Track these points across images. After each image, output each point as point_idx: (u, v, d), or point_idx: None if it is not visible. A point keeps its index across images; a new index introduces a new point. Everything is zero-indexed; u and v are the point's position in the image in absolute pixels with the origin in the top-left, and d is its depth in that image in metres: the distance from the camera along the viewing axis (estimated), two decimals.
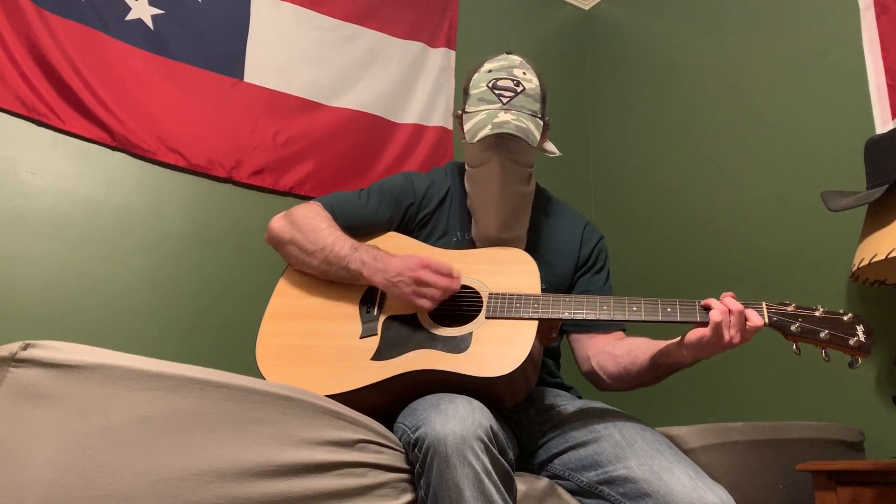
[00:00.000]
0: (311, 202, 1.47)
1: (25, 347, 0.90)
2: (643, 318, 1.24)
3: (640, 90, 2.79)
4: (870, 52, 1.99)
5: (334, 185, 2.23)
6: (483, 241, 1.45)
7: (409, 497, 1.10)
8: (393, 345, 1.28)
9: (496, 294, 1.30)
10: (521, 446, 1.37)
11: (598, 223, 1.65)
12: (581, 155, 2.91)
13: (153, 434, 0.93)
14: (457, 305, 1.32)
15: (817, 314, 1.19)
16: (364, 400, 1.22)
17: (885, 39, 1.96)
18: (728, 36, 2.46)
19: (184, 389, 0.98)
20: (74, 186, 1.94)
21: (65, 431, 0.88)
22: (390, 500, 1.08)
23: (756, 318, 1.18)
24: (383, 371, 1.24)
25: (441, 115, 2.57)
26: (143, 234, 2.01)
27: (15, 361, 0.89)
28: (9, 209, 1.84)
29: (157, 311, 1.98)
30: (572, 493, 1.25)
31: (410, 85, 2.53)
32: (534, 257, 1.38)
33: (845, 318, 1.18)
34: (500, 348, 1.22)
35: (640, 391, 1.41)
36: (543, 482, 1.25)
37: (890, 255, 1.51)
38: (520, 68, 1.43)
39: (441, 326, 1.29)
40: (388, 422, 1.20)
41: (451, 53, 2.66)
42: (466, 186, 1.49)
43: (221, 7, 2.23)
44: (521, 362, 1.19)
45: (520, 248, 1.43)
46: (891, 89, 1.92)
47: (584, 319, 1.28)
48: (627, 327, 1.46)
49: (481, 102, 1.40)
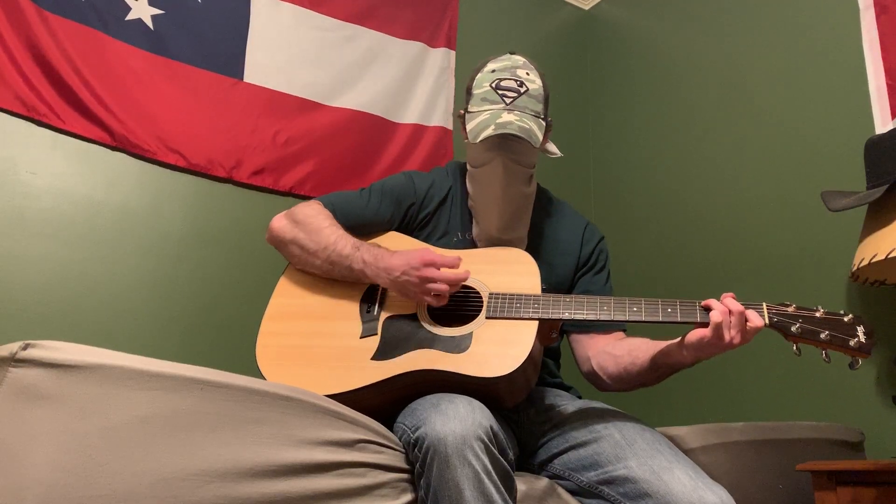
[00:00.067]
0: (312, 201, 1.47)
1: (25, 347, 0.90)
2: (643, 319, 1.24)
3: (640, 90, 2.79)
4: (870, 53, 1.99)
5: (334, 185, 2.23)
6: (484, 241, 1.45)
7: (409, 497, 1.10)
8: (393, 345, 1.28)
9: (496, 294, 1.30)
10: (521, 446, 1.37)
11: (598, 223, 1.65)
12: (581, 155, 2.91)
13: (153, 434, 0.93)
14: (457, 305, 1.32)
15: (818, 315, 1.19)
16: (364, 400, 1.22)
17: (884, 39, 1.96)
18: (728, 36, 2.46)
19: (184, 389, 0.98)
20: (74, 186, 1.94)
21: (65, 431, 0.88)
22: (390, 500, 1.08)
23: (756, 319, 1.18)
24: (383, 371, 1.24)
25: (441, 115, 2.57)
26: (143, 234, 2.01)
27: (15, 361, 0.89)
28: (9, 209, 1.84)
29: (157, 311, 1.98)
30: (572, 493, 1.25)
31: (410, 85, 2.53)
32: (534, 257, 1.38)
33: (846, 319, 1.18)
34: (500, 348, 1.22)
35: (640, 391, 1.41)
36: (543, 482, 1.25)
37: (890, 255, 1.51)
38: (523, 69, 1.43)
39: (441, 326, 1.29)
40: (388, 422, 1.20)
41: (451, 53, 2.66)
42: (468, 186, 1.49)
43: (221, 7, 2.23)
44: (522, 362, 1.19)
45: (520, 248, 1.43)
46: (891, 89, 1.92)
47: (585, 320, 1.28)
48: (628, 328, 1.46)
49: (484, 102, 1.39)
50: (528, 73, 1.42)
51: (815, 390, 1.96)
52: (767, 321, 1.20)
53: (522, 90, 1.39)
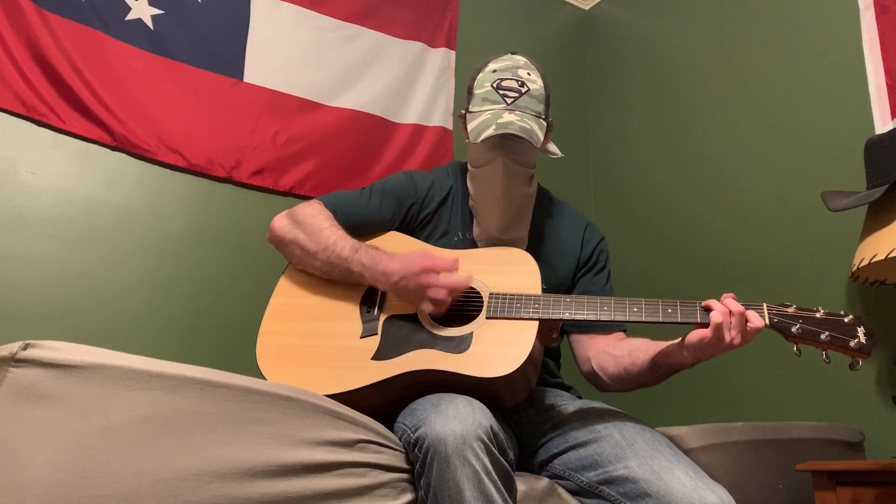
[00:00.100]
0: (313, 201, 1.47)
1: (25, 347, 0.90)
2: (644, 319, 1.24)
3: (640, 90, 2.79)
4: (869, 53, 1.99)
5: (334, 185, 2.23)
6: (484, 241, 1.45)
7: (409, 497, 1.10)
8: (393, 344, 1.28)
9: (497, 294, 1.30)
10: (521, 446, 1.36)
11: (598, 223, 1.65)
12: (581, 155, 2.91)
13: (153, 434, 0.93)
14: (457, 305, 1.32)
15: (818, 316, 1.19)
16: (364, 400, 1.22)
17: (884, 39, 1.96)
18: (728, 36, 2.46)
19: (184, 389, 0.98)
20: (74, 186, 1.94)
21: (65, 431, 0.88)
22: (390, 500, 1.08)
23: (757, 320, 1.18)
24: (383, 371, 1.24)
25: (441, 115, 2.57)
26: (143, 234, 2.01)
27: (15, 361, 0.89)
28: (9, 209, 1.84)
29: (157, 311, 1.98)
30: (572, 493, 1.25)
31: (410, 85, 2.53)
32: (535, 257, 1.38)
33: (846, 320, 1.18)
34: (500, 348, 1.22)
35: (640, 391, 1.41)
36: (543, 482, 1.25)
37: (890, 255, 1.51)
38: (524, 69, 1.43)
39: (441, 326, 1.29)
40: (389, 422, 1.20)
41: (451, 53, 2.66)
42: (469, 186, 1.49)
43: (221, 7, 2.23)
44: (522, 363, 1.19)
45: (521, 248, 1.43)
46: (890, 89, 1.92)
47: (585, 320, 1.28)
48: (628, 328, 1.46)
49: (485, 102, 1.39)
50: (529, 74, 1.42)
51: (815, 390, 1.96)
52: (768, 322, 1.20)
53: (523, 90, 1.39)
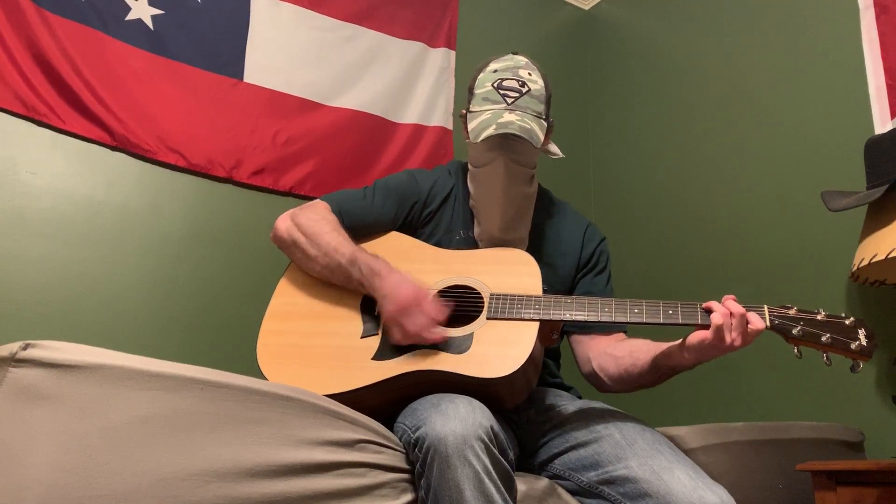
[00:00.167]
0: (318, 202, 1.47)
1: (25, 347, 0.90)
2: (644, 321, 1.24)
3: (640, 90, 2.78)
4: (869, 52, 1.99)
5: (334, 185, 2.23)
6: (485, 241, 1.45)
7: (409, 497, 1.10)
8: (394, 345, 1.28)
9: (497, 295, 1.30)
10: (521, 446, 1.36)
11: (598, 223, 1.65)
12: (581, 155, 2.91)
13: (153, 434, 0.93)
14: (458, 306, 1.32)
15: (819, 317, 1.19)
16: (364, 400, 1.22)
17: (884, 39, 1.96)
18: (728, 36, 2.46)
19: (184, 389, 0.98)
20: (74, 186, 1.94)
21: (65, 431, 0.88)
22: (390, 500, 1.08)
23: (757, 322, 1.18)
24: (384, 371, 1.24)
25: (441, 115, 2.57)
26: (143, 234, 2.01)
27: (15, 361, 0.89)
28: (9, 209, 1.84)
29: (157, 311, 1.98)
30: (572, 493, 1.25)
31: (410, 85, 2.53)
32: (535, 258, 1.38)
33: (847, 322, 1.18)
34: (500, 349, 1.22)
35: (641, 391, 1.41)
36: (543, 482, 1.25)
37: (890, 255, 1.51)
38: (525, 69, 1.43)
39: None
40: (389, 422, 1.20)
41: (451, 53, 2.66)
42: (469, 186, 1.49)
43: (221, 7, 2.23)
44: (522, 363, 1.19)
45: (521, 248, 1.43)
46: (890, 89, 1.92)
47: (586, 321, 1.28)
48: (629, 329, 1.46)
49: (486, 102, 1.39)
50: (530, 74, 1.42)
51: (815, 390, 1.96)
52: (768, 323, 1.20)
53: (524, 90, 1.39)
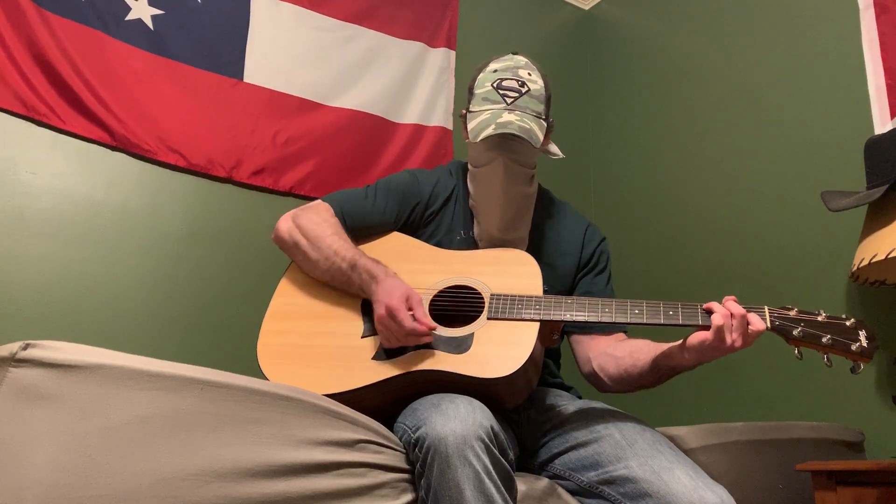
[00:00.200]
0: (319, 203, 1.47)
1: (25, 347, 0.90)
2: (645, 321, 1.24)
3: (640, 90, 2.78)
4: (869, 52, 1.99)
5: (334, 186, 2.23)
6: (485, 241, 1.45)
7: (409, 497, 1.10)
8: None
9: (498, 295, 1.30)
10: (521, 446, 1.36)
11: (598, 223, 1.65)
12: (581, 155, 2.91)
13: (153, 434, 0.93)
14: (458, 306, 1.32)
15: (819, 319, 1.19)
16: (364, 400, 1.22)
17: (884, 39, 1.96)
18: (728, 36, 2.46)
19: (184, 389, 0.98)
20: (74, 186, 1.94)
21: (65, 431, 0.88)
22: (390, 500, 1.08)
23: (758, 322, 1.18)
24: (384, 371, 1.24)
25: (441, 115, 2.56)
26: (143, 234, 2.01)
27: (15, 361, 0.89)
28: (9, 209, 1.84)
29: (157, 311, 1.98)
30: (572, 493, 1.25)
31: (410, 85, 2.53)
32: (536, 258, 1.38)
33: (847, 324, 1.18)
34: (501, 349, 1.22)
35: (641, 391, 1.41)
36: (544, 482, 1.25)
37: (890, 255, 1.51)
38: (525, 69, 1.43)
39: (442, 327, 1.28)
40: (389, 422, 1.20)
41: (451, 53, 2.66)
42: (469, 186, 1.49)
43: (221, 7, 2.22)
44: (523, 363, 1.19)
45: (521, 248, 1.43)
46: (890, 89, 1.92)
47: (586, 321, 1.28)
48: (629, 329, 1.45)
49: (485, 102, 1.39)
50: (529, 74, 1.42)
51: (815, 391, 1.96)
52: (769, 324, 1.19)
53: (524, 90, 1.39)
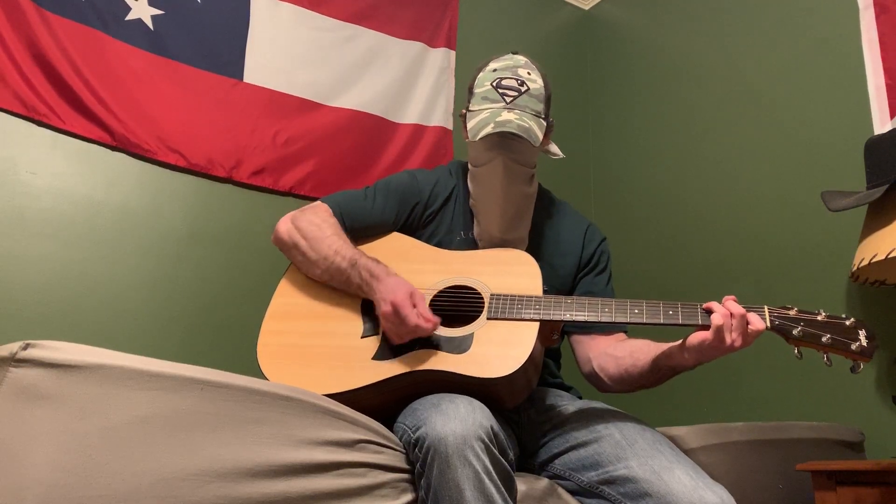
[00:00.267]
0: (319, 204, 1.47)
1: (25, 347, 0.90)
2: (645, 321, 1.24)
3: (640, 90, 2.78)
4: (869, 52, 1.99)
5: (334, 186, 2.23)
6: (485, 240, 1.45)
7: (409, 497, 1.10)
8: (394, 344, 1.28)
9: (498, 295, 1.30)
10: (521, 446, 1.36)
11: (598, 223, 1.65)
12: (581, 155, 2.91)
13: (153, 434, 0.93)
14: (458, 306, 1.32)
15: (819, 318, 1.19)
16: (364, 400, 1.22)
17: (884, 39, 1.96)
18: (728, 36, 2.46)
19: (184, 389, 0.98)
20: (74, 186, 1.94)
21: (65, 431, 0.88)
22: (390, 500, 1.08)
23: (758, 322, 1.18)
24: (384, 371, 1.24)
25: (441, 115, 2.56)
26: (143, 234, 2.01)
27: (15, 361, 0.89)
28: (9, 209, 1.83)
29: (157, 311, 1.98)
30: (573, 493, 1.25)
31: (410, 85, 2.53)
32: (536, 258, 1.38)
33: (847, 323, 1.18)
34: (501, 349, 1.22)
35: (641, 391, 1.41)
36: (544, 482, 1.25)
37: (890, 255, 1.51)
38: (525, 68, 1.43)
39: (442, 327, 1.28)
40: (389, 422, 1.20)
41: (451, 53, 2.65)
42: (469, 186, 1.49)
43: (221, 7, 2.22)
44: (522, 363, 1.19)
45: (521, 248, 1.43)
46: (890, 89, 1.92)
47: (586, 321, 1.28)
48: (629, 329, 1.45)
49: (485, 101, 1.39)
50: (529, 73, 1.42)
51: (815, 390, 1.96)
52: (769, 324, 1.19)
53: (523, 89, 1.39)
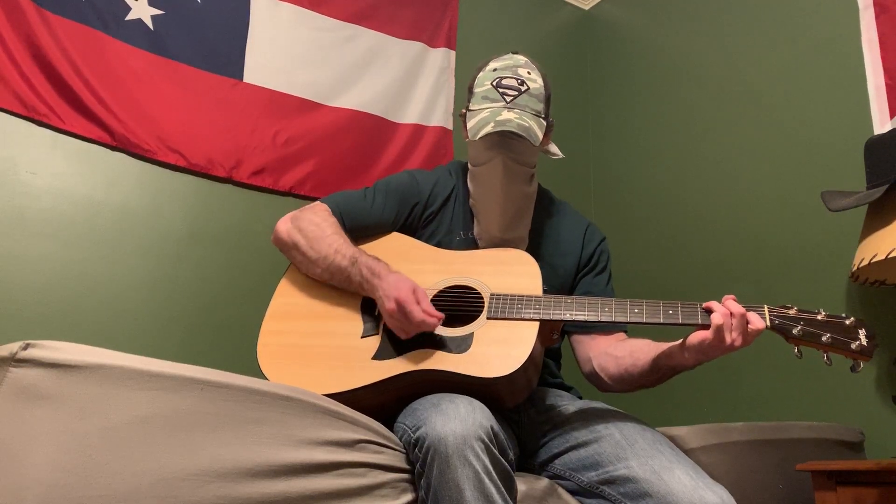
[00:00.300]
0: (318, 204, 1.47)
1: (25, 347, 0.90)
2: (645, 321, 1.24)
3: (640, 90, 2.78)
4: (869, 52, 1.99)
5: (334, 186, 2.23)
6: (485, 240, 1.45)
7: (409, 497, 1.10)
8: (394, 344, 1.28)
9: (497, 295, 1.30)
10: (521, 446, 1.36)
11: (598, 223, 1.65)
12: (581, 155, 2.91)
13: (153, 434, 0.93)
14: (458, 306, 1.32)
15: (819, 317, 1.19)
16: (364, 399, 1.22)
17: (884, 39, 1.96)
18: (728, 36, 2.46)
19: (184, 389, 0.98)
20: (74, 186, 1.94)
21: (65, 431, 0.88)
22: (390, 500, 1.08)
23: (758, 321, 1.18)
24: (384, 371, 1.24)
25: (441, 115, 2.56)
26: (143, 234, 2.01)
27: (15, 361, 0.89)
28: (9, 209, 1.83)
29: (157, 311, 1.98)
30: (573, 493, 1.25)
31: (410, 85, 2.53)
32: (536, 258, 1.38)
33: (847, 322, 1.18)
34: (501, 349, 1.22)
35: (641, 391, 1.41)
36: (544, 482, 1.25)
37: (890, 255, 1.51)
38: (525, 68, 1.43)
39: (442, 326, 1.28)
40: (389, 422, 1.20)
41: (451, 53, 2.65)
42: (469, 185, 1.49)
43: (221, 7, 2.22)
44: (523, 363, 1.19)
45: (521, 248, 1.43)
46: (890, 89, 1.92)
47: (586, 321, 1.28)
48: (629, 329, 1.45)
49: (485, 101, 1.39)
50: (529, 73, 1.42)
51: (815, 390, 1.96)
52: (769, 323, 1.20)
53: (523, 89, 1.39)
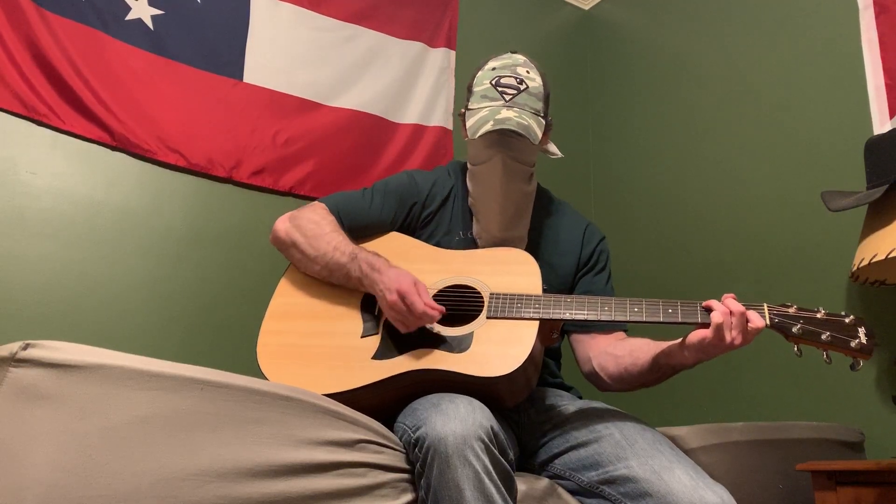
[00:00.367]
0: (317, 203, 1.47)
1: (25, 347, 0.90)
2: (644, 319, 1.24)
3: (640, 90, 2.78)
4: (868, 52, 1.99)
5: (334, 185, 2.23)
6: (485, 239, 1.45)
7: (409, 497, 1.10)
8: (394, 344, 1.28)
9: (497, 294, 1.30)
10: (521, 446, 1.36)
11: (598, 223, 1.65)
12: (581, 155, 2.91)
13: (153, 434, 0.93)
14: (458, 305, 1.32)
15: (819, 316, 1.19)
16: (364, 399, 1.22)
17: (883, 39, 1.96)
18: (728, 36, 2.46)
19: (184, 389, 0.98)
20: (74, 186, 1.94)
21: (65, 431, 0.88)
22: (390, 500, 1.08)
23: (757, 320, 1.18)
24: (384, 370, 1.24)
25: (441, 115, 2.56)
26: (143, 234, 2.01)
27: (15, 361, 0.89)
28: (9, 209, 1.83)
29: (157, 311, 1.98)
30: (573, 493, 1.25)
31: (410, 85, 2.53)
32: (535, 257, 1.38)
33: (847, 321, 1.18)
34: (501, 348, 1.22)
35: (641, 391, 1.41)
36: (544, 482, 1.25)
37: (890, 255, 1.51)
38: (524, 67, 1.43)
39: (442, 326, 1.29)
40: (389, 421, 1.20)
41: (451, 53, 2.66)
42: (468, 185, 1.49)
43: (221, 7, 2.22)
44: (522, 362, 1.19)
45: (521, 247, 1.43)
46: (889, 89, 1.92)
47: (586, 320, 1.28)
48: (629, 328, 1.45)
49: (484, 99, 1.40)
50: (528, 72, 1.42)
51: (815, 390, 1.96)
52: (768, 322, 1.20)
53: (522, 87, 1.39)
